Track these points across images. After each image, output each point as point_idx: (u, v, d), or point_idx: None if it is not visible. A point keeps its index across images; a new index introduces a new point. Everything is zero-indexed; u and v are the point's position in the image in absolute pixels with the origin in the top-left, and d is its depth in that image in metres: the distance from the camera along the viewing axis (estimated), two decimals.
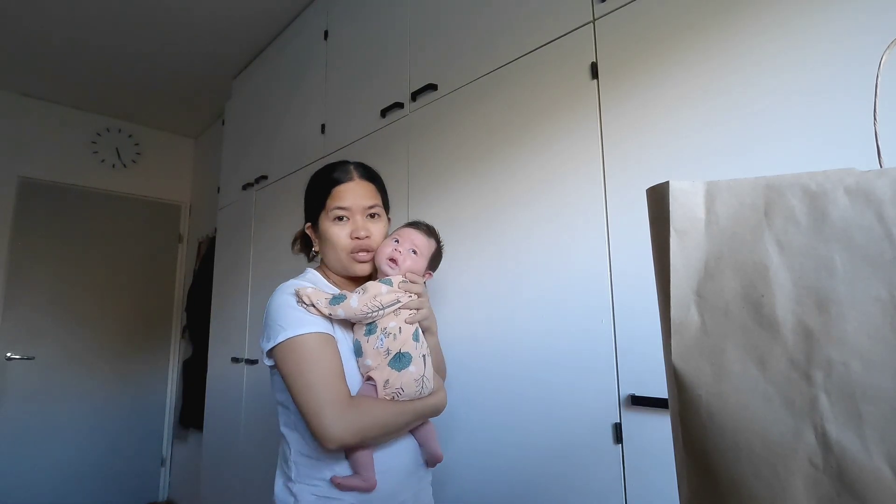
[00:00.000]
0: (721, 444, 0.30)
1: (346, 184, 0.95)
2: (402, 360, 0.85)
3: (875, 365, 0.27)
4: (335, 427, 0.76)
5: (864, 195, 0.28)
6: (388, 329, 0.86)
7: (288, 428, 0.90)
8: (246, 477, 2.09)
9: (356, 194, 0.94)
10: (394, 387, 0.84)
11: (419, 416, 0.88)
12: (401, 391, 0.84)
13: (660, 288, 0.34)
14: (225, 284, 2.53)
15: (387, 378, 0.84)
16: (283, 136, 2.19)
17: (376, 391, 0.84)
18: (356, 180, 0.96)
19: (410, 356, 0.86)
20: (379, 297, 0.85)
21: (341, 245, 0.93)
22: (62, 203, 3.05)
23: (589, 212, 1.04)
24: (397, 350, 0.85)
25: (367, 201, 0.95)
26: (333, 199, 0.94)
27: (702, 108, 0.90)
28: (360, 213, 0.94)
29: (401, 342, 0.86)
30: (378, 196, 0.98)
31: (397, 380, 0.84)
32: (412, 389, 0.85)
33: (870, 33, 0.74)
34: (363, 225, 0.94)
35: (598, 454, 0.96)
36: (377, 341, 0.85)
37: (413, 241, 0.94)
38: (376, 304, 0.85)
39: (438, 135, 1.42)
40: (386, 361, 0.85)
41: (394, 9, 1.66)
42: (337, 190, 0.94)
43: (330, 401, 0.78)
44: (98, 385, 3.05)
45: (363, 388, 0.85)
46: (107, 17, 2.26)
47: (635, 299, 0.95)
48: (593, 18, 1.09)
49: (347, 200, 0.93)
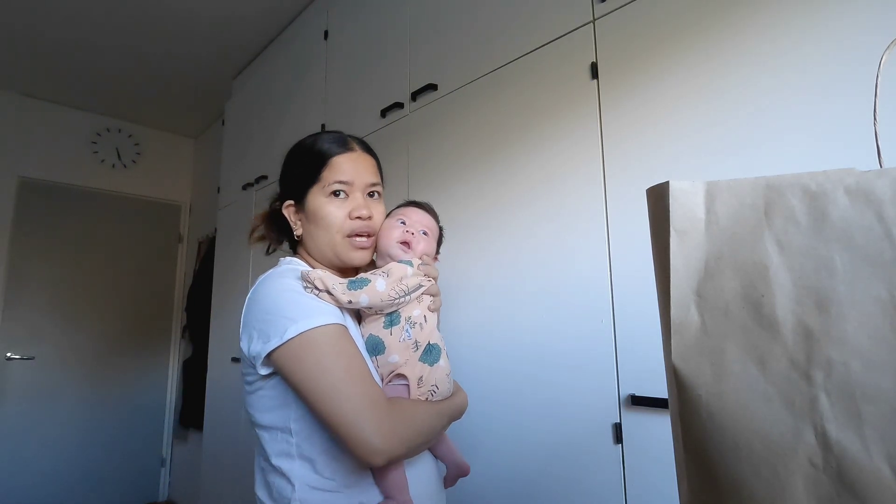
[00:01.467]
0: (721, 444, 0.30)
1: (347, 153, 0.80)
2: (432, 352, 0.75)
3: (875, 365, 0.27)
4: (380, 436, 0.62)
5: (864, 195, 0.28)
6: (412, 318, 0.74)
7: (287, 458, 0.70)
8: (246, 477, 2.09)
9: (359, 167, 0.80)
10: (428, 384, 0.73)
11: (452, 418, 0.77)
12: (435, 389, 0.74)
13: (660, 288, 0.34)
14: (225, 284, 2.53)
15: (420, 374, 0.73)
16: (283, 136, 2.19)
17: (408, 391, 0.72)
18: (358, 151, 0.82)
19: (440, 349, 0.76)
20: (405, 281, 0.73)
21: (337, 225, 0.77)
22: (62, 203, 3.05)
23: (589, 212, 1.04)
24: (426, 342, 0.74)
25: (371, 177, 0.81)
26: (332, 170, 0.78)
27: (702, 108, 0.90)
28: (362, 189, 0.80)
29: (428, 332, 0.75)
30: (379, 174, 0.85)
31: (431, 376, 0.73)
32: (445, 387, 0.75)
33: (870, 33, 0.74)
34: (365, 203, 0.79)
35: (598, 454, 0.96)
36: (403, 333, 0.73)
37: (422, 222, 0.83)
38: (403, 289, 0.73)
39: (438, 135, 1.42)
40: (417, 356, 0.73)
41: (394, 9, 1.66)
42: (336, 160, 0.79)
43: (369, 405, 0.64)
44: (98, 385, 3.05)
45: (390, 389, 0.72)
46: (107, 18, 2.26)
47: (635, 299, 0.95)
48: (593, 18, 1.09)
49: (348, 173, 0.78)
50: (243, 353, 0.72)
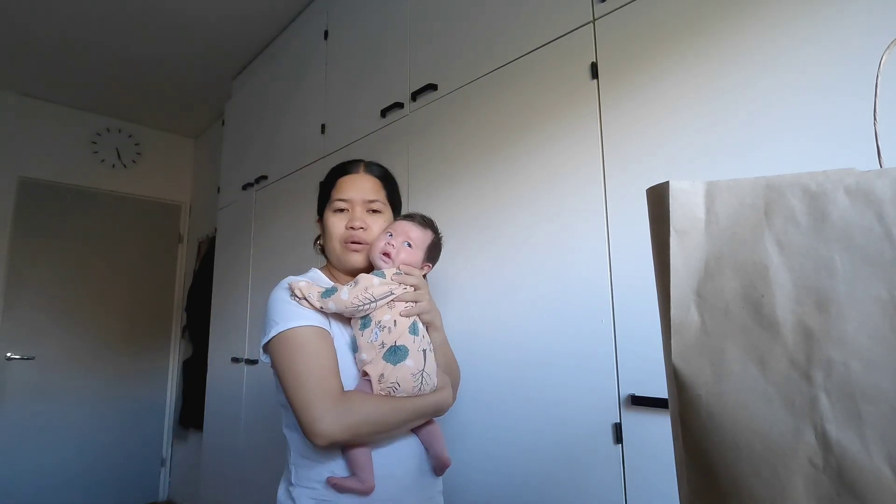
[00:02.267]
0: (721, 444, 0.30)
1: (350, 175, 0.97)
2: (397, 353, 0.83)
3: (875, 365, 0.27)
4: (324, 422, 0.74)
5: (864, 195, 0.28)
6: (382, 322, 0.84)
7: (288, 429, 0.88)
8: (246, 477, 2.09)
9: (358, 186, 0.95)
10: (389, 381, 0.81)
11: (419, 414, 0.84)
12: (397, 386, 0.81)
13: (660, 288, 0.34)
14: (225, 284, 2.53)
15: (381, 372, 0.81)
16: (283, 136, 2.19)
17: (371, 386, 0.81)
18: (360, 173, 0.97)
19: (407, 349, 0.83)
20: (371, 290, 0.84)
21: (336, 235, 0.93)
22: (62, 203, 3.05)
23: (589, 212, 1.04)
24: (392, 343, 0.83)
25: (369, 195, 0.95)
26: (337, 190, 0.96)
27: (702, 108, 0.90)
28: (361, 205, 0.94)
29: (396, 335, 0.84)
30: (382, 192, 0.98)
31: (392, 374, 0.81)
32: (409, 385, 0.82)
33: (870, 33, 0.74)
34: (360, 216, 0.93)
35: (598, 454, 0.96)
36: (371, 335, 0.84)
37: (407, 234, 0.92)
38: (367, 297, 0.83)
39: (438, 135, 1.42)
40: (380, 355, 0.82)
41: (394, 9, 1.66)
42: (341, 181, 0.96)
43: (319, 395, 0.76)
44: (98, 385, 3.05)
45: (359, 385, 0.83)
46: (107, 18, 2.26)
47: (635, 299, 0.95)
48: (593, 18, 1.09)
49: (348, 192, 0.94)
50: None
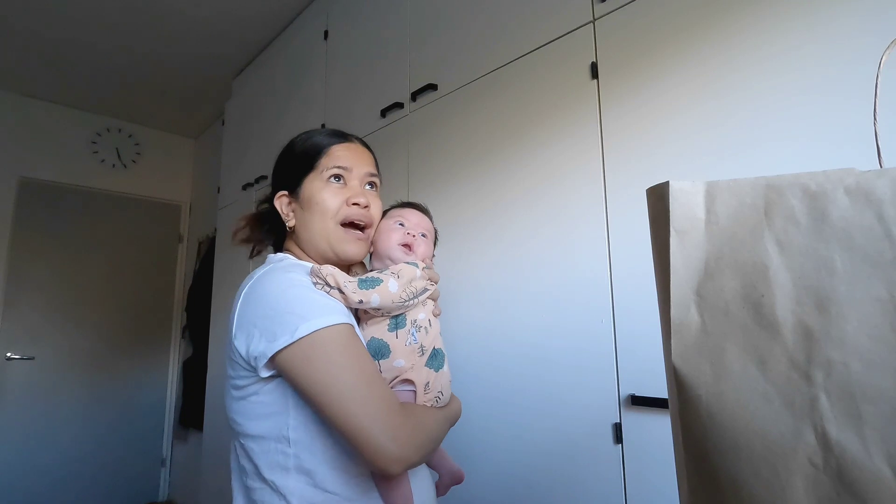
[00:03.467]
0: (721, 444, 0.30)
1: (345, 143, 0.79)
2: (437, 357, 0.73)
3: (875, 365, 0.27)
4: (397, 443, 0.58)
5: (864, 195, 0.28)
6: (418, 322, 0.72)
7: (282, 471, 0.64)
8: None
9: (358, 155, 0.78)
10: (434, 390, 0.71)
11: (451, 425, 0.74)
12: (441, 395, 0.72)
13: (660, 288, 0.34)
14: (225, 284, 2.53)
15: (427, 380, 0.70)
16: (283, 136, 2.18)
17: (415, 396, 0.69)
18: (356, 143, 0.81)
19: (443, 354, 0.75)
20: (415, 283, 0.71)
21: (332, 211, 0.73)
22: (62, 203, 3.05)
23: (589, 212, 1.04)
24: (431, 346, 0.72)
25: (369, 167, 0.79)
26: (330, 157, 0.76)
27: (702, 108, 0.90)
28: (360, 178, 0.77)
29: (433, 337, 0.73)
30: (377, 170, 0.82)
31: (437, 381, 0.71)
32: (448, 393, 0.74)
33: (870, 33, 0.74)
34: (362, 192, 0.76)
35: (598, 454, 0.96)
36: (408, 336, 0.70)
37: (421, 225, 0.81)
38: (413, 291, 0.70)
39: (438, 135, 1.42)
40: (423, 360, 0.71)
41: (394, 9, 1.66)
42: (334, 148, 0.77)
43: (384, 410, 0.59)
44: (98, 385, 3.05)
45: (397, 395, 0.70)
46: (107, 18, 2.26)
47: (635, 299, 0.95)
48: (593, 18, 1.08)
49: (347, 160, 0.76)
50: (238, 355, 0.65)
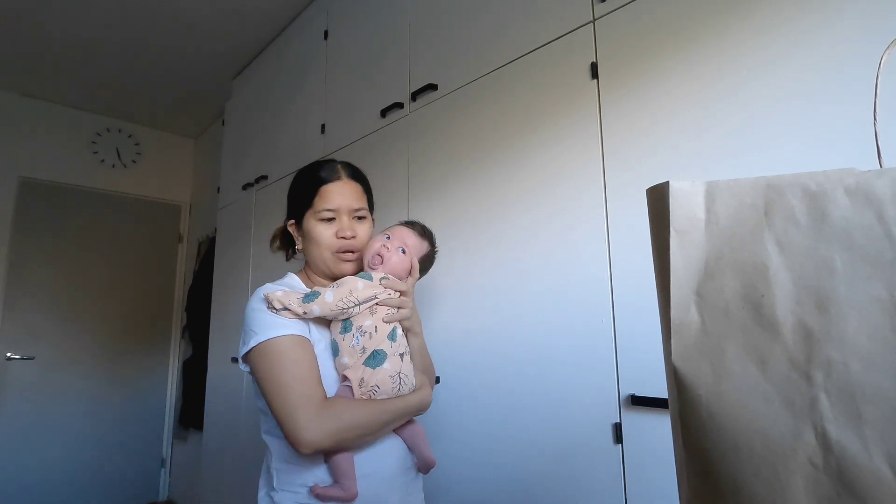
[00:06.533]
0: (721, 444, 0.30)
1: (334, 183, 0.95)
2: (376, 357, 0.83)
3: (875, 365, 0.27)
4: (309, 430, 0.75)
5: (864, 195, 0.28)
6: (363, 327, 0.84)
7: (269, 435, 0.89)
8: (246, 477, 2.09)
9: (344, 195, 0.95)
10: (369, 385, 0.82)
11: (400, 414, 0.86)
12: (376, 389, 0.82)
13: (660, 288, 0.34)
14: (225, 284, 2.53)
15: (361, 377, 0.82)
16: (283, 136, 2.19)
17: (352, 391, 0.82)
18: (344, 180, 0.96)
19: (385, 353, 0.84)
20: (355, 293, 0.84)
21: (326, 244, 0.93)
22: (62, 203, 3.05)
23: (589, 212, 1.04)
24: (372, 348, 0.84)
25: (355, 203, 0.96)
26: (321, 198, 0.94)
27: (702, 108, 0.90)
28: (347, 214, 0.95)
29: (377, 341, 0.84)
30: (364, 198, 0.99)
31: (372, 377, 0.82)
32: (388, 386, 0.83)
33: (870, 34, 0.74)
34: (349, 225, 0.94)
35: (598, 454, 0.96)
36: (353, 339, 0.84)
37: (404, 240, 0.93)
38: (352, 300, 0.83)
39: (438, 135, 1.42)
40: (361, 360, 0.83)
41: (394, 9, 1.66)
42: (325, 189, 0.94)
43: (303, 403, 0.76)
44: (98, 385, 3.05)
45: (340, 390, 0.84)
46: (107, 17, 2.26)
47: (635, 299, 0.95)
48: (593, 18, 1.09)
49: (335, 202, 0.93)
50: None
